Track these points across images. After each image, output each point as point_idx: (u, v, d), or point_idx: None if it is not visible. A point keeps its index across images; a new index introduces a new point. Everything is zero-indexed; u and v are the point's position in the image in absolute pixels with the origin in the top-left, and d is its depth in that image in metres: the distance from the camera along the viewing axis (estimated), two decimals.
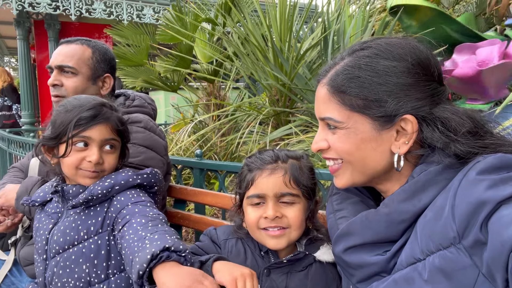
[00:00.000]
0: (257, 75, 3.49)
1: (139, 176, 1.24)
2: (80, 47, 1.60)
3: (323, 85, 0.81)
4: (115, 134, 1.22)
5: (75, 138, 1.15)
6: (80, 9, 6.85)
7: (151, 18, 7.29)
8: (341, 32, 3.18)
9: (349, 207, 0.85)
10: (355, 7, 3.51)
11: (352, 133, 0.77)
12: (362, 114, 0.76)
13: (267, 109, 3.35)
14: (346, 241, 0.78)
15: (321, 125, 0.83)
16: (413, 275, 0.66)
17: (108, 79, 1.65)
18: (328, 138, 0.81)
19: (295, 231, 1.00)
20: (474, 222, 0.59)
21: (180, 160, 2.06)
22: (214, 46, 4.04)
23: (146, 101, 1.73)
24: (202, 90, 4.38)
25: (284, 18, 3.43)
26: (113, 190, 1.18)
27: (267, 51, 3.45)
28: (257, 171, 1.01)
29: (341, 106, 0.77)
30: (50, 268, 1.19)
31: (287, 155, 1.04)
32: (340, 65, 0.80)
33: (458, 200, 0.63)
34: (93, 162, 1.16)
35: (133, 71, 4.27)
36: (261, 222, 0.99)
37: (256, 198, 1.00)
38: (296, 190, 0.99)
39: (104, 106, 1.21)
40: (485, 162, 0.64)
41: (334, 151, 0.81)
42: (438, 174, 0.70)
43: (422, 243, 0.67)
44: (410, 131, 0.75)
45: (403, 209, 0.71)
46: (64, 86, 1.57)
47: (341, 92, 0.77)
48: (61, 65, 1.56)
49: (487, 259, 0.57)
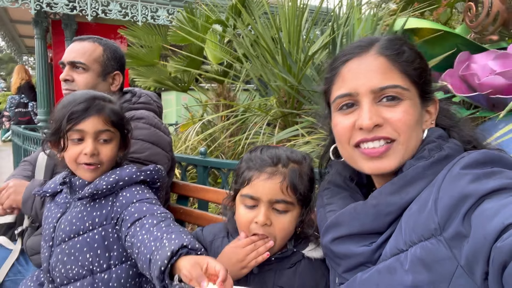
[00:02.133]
0: (266, 77, 3.52)
1: (143, 172, 1.27)
2: (91, 44, 1.66)
3: (374, 56, 0.76)
4: (109, 125, 1.23)
5: (70, 132, 1.19)
6: (96, 10, 6.99)
7: (165, 20, 7.40)
8: (350, 35, 3.18)
9: (339, 201, 0.87)
10: (364, 10, 3.51)
11: (414, 105, 0.76)
12: (417, 88, 0.76)
13: (274, 110, 3.37)
14: (334, 232, 0.79)
15: (370, 101, 0.76)
16: (395, 265, 0.68)
17: (118, 77, 1.71)
18: (383, 113, 0.75)
19: (280, 240, 1.00)
20: (456, 214, 0.60)
21: (184, 157, 2.09)
22: (224, 47, 4.09)
23: (152, 99, 1.78)
24: (212, 91, 4.43)
25: (293, 20, 3.45)
26: (117, 186, 1.22)
27: (276, 53, 3.47)
28: (255, 172, 0.99)
29: (404, 76, 0.75)
30: (55, 255, 1.24)
31: (289, 157, 1.01)
32: (386, 38, 0.79)
33: (442, 193, 0.64)
34: (88, 154, 1.19)
35: (145, 71, 4.34)
36: (252, 227, 0.99)
37: (250, 199, 0.99)
38: (291, 198, 0.97)
39: (96, 98, 1.23)
40: (469, 157, 0.66)
41: (393, 127, 0.74)
42: (427, 169, 0.71)
43: (405, 235, 0.68)
44: (434, 111, 0.80)
45: (390, 201, 0.72)
46: (75, 82, 1.62)
47: (404, 61, 0.75)
48: (73, 61, 1.62)
49: (467, 252, 0.58)
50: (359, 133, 0.77)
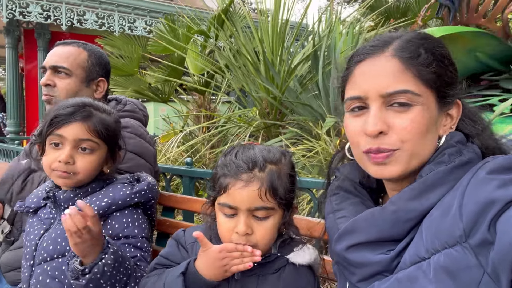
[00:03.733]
0: (248, 88, 3.51)
1: (137, 194, 1.20)
2: (76, 49, 1.59)
3: (388, 58, 0.73)
4: (93, 135, 1.14)
5: (50, 136, 1.12)
6: (72, 19, 6.84)
7: (143, 31, 7.32)
8: (332, 48, 3.23)
9: (350, 207, 0.83)
10: (343, 28, 3.59)
11: (426, 111, 0.72)
12: (433, 92, 0.73)
13: (257, 121, 3.36)
14: (349, 239, 0.75)
15: (377, 106, 0.73)
16: (417, 274, 0.65)
17: (102, 83, 1.64)
18: (389, 119, 0.72)
19: (264, 246, 0.96)
20: (482, 221, 0.58)
21: (169, 168, 2.03)
22: (206, 57, 4.07)
23: (138, 107, 1.72)
24: (192, 102, 4.38)
25: (276, 32, 3.48)
26: (109, 210, 1.15)
27: (258, 65, 3.48)
28: (231, 179, 0.93)
29: (417, 80, 0.71)
30: (36, 276, 1.14)
31: (266, 159, 0.95)
32: (406, 42, 0.75)
33: (467, 198, 0.62)
34: (62, 161, 1.10)
35: (123, 81, 4.26)
36: (233, 237, 0.94)
37: (228, 208, 0.94)
38: (271, 203, 0.93)
39: (86, 105, 1.16)
40: (495, 163, 0.64)
41: (397, 136, 0.71)
42: (448, 174, 0.69)
43: (427, 242, 0.65)
44: (456, 115, 0.76)
45: (410, 207, 0.69)
46: (57, 87, 1.54)
47: (419, 64, 0.72)
48: (55, 65, 1.54)
49: (493, 259, 0.56)
50: (365, 140, 0.75)
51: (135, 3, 7.35)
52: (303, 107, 3.12)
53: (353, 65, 0.78)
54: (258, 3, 3.91)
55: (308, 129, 2.97)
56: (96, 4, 6.99)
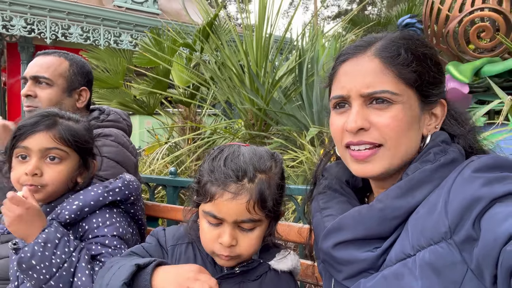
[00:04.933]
0: (233, 99, 3.54)
1: (110, 192, 1.15)
2: (57, 59, 1.58)
3: (370, 58, 0.75)
4: (60, 143, 1.09)
5: (16, 149, 1.08)
6: (56, 33, 6.81)
7: (129, 44, 7.33)
8: (315, 60, 3.30)
9: (336, 206, 0.84)
10: (325, 41, 3.68)
11: (407, 109, 0.73)
12: (415, 91, 0.74)
13: (243, 132, 3.38)
14: (336, 236, 0.76)
15: (359, 104, 0.75)
16: (403, 271, 0.66)
17: (84, 92, 1.64)
18: (371, 117, 0.74)
19: (248, 255, 0.94)
20: (467, 217, 0.59)
21: (153, 178, 2.02)
22: (192, 70, 4.09)
23: (121, 117, 1.72)
24: (178, 114, 4.38)
25: (260, 45, 3.54)
26: (82, 213, 1.10)
27: (243, 77, 3.52)
28: (218, 189, 0.88)
29: (397, 79, 0.73)
30: None
31: (256, 168, 0.90)
32: (389, 42, 0.76)
33: (452, 196, 0.63)
34: (28, 173, 1.06)
35: (108, 94, 4.24)
36: (216, 248, 0.91)
37: (213, 218, 0.90)
38: (259, 216, 0.90)
39: (50, 115, 1.12)
40: (480, 161, 0.66)
41: (379, 132, 0.73)
42: (433, 173, 0.71)
43: (413, 239, 0.66)
44: (441, 115, 0.77)
45: (397, 205, 0.71)
46: (38, 98, 1.53)
47: (400, 64, 0.73)
48: (36, 75, 1.53)
49: (477, 255, 0.57)
50: (348, 135, 0.76)
51: (121, 18, 7.38)
52: (288, 117, 3.16)
53: (338, 65, 0.80)
54: (243, 19, 3.98)
55: (292, 139, 3.00)
56: (81, 18, 7.00)
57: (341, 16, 15.42)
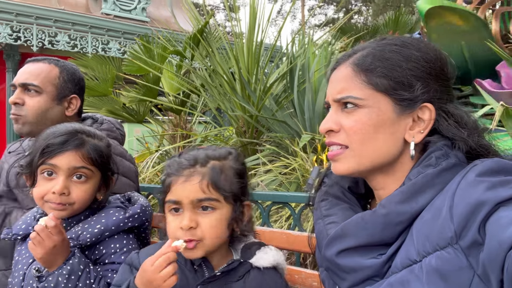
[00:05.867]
0: (224, 107, 3.53)
1: (130, 218, 1.17)
2: (47, 66, 1.55)
3: (346, 66, 0.79)
4: (87, 163, 1.11)
5: (42, 166, 1.08)
6: (43, 41, 6.73)
7: (117, 52, 7.28)
8: (306, 67, 3.31)
9: (339, 212, 0.83)
10: (315, 49, 3.71)
11: (374, 113, 0.75)
12: (386, 95, 0.75)
13: (234, 140, 3.36)
14: (340, 243, 0.75)
15: (334, 109, 0.80)
16: (409, 278, 0.65)
17: (75, 100, 1.60)
18: (341, 120, 0.78)
19: (211, 240, 0.93)
20: (472, 222, 0.59)
21: (145, 186, 1.98)
22: (182, 77, 4.07)
23: (115, 126, 1.68)
24: (168, 122, 4.35)
25: (251, 52, 3.54)
26: (102, 236, 1.11)
27: (234, 84, 3.52)
28: (173, 177, 0.94)
29: (365, 85, 0.76)
30: None
31: (208, 155, 0.97)
32: (366, 50, 0.79)
33: (457, 200, 0.63)
34: (57, 192, 1.06)
35: (97, 102, 4.19)
36: (178, 234, 0.92)
37: (173, 204, 0.94)
38: (215, 195, 0.93)
39: (78, 132, 1.14)
40: (483, 165, 0.66)
41: (346, 134, 0.77)
42: (436, 177, 0.70)
43: (418, 244, 0.66)
44: (428, 119, 0.76)
45: (401, 210, 0.70)
46: (26, 105, 1.49)
47: (367, 70, 0.76)
48: (25, 83, 1.49)
49: (483, 260, 0.57)
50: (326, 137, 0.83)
51: (109, 25, 7.33)
52: (279, 124, 3.15)
53: (330, 72, 0.84)
54: (233, 26, 3.99)
55: (284, 147, 2.99)
56: (69, 25, 6.93)
57: (328, 25, 15.65)
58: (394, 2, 21.69)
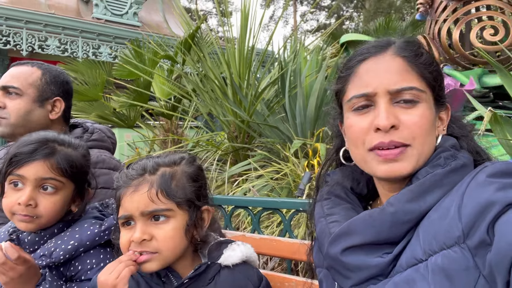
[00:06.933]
0: (215, 112, 3.51)
1: (106, 231, 1.11)
2: (29, 68, 1.53)
3: (392, 56, 0.75)
4: (56, 174, 1.05)
5: (10, 176, 1.03)
6: (33, 45, 6.66)
7: (108, 57, 7.23)
8: (297, 72, 3.32)
9: (342, 212, 0.82)
10: (307, 54, 3.72)
11: (429, 109, 0.73)
12: (432, 92, 0.74)
13: (226, 145, 3.34)
14: (345, 241, 0.73)
15: (387, 101, 0.73)
16: (415, 277, 0.64)
17: (59, 103, 1.57)
18: (400, 115, 0.72)
19: (168, 251, 0.89)
20: (481, 222, 0.59)
21: None
22: (173, 82, 4.05)
23: (106, 134, 1.65)
24: (159, 127, 4.31)
25: (242, 57, 3.54)
26: (76, 252, 1.06)
27: (226, 89, 3.51)
28: (123, 189, 0.90)
29: (421, 78, 0.73)
30: None
31: (158, 163, 0.92)
32: (403, 40, 0.77)
33: (466, 200, 0.63)
34: (22, 203, 1.01)
35: (86, 107, 4.14)
36: (131, 246, 0.87)
37: (124, 219, 0.89)
38: (167, 204, 0.88)
39: (49, 141, 1.08)
40: (494, 167, 0.65)
41: (409, 131, 0.72)
42: (444, 177, 0.70)
43: (424, 243, 0.65)
44: (446, 118, 0.77)
45: (409, 209, 0.69)
46: (7, 108, 1.46)
47: (421, 63, 0.74)
48: (6, 85, 1.47)
49: (490, 261, 0.56)
50: (376, 136, 0.73)
51: (100, 30, 7.29)
52: (271, 129, 3.15)
53: (356, 64, 0.78)
54: (225, 31, 3.98)
55: (276, 152, 2.99)
56: (59, 30, 6.87)
57: (320, 30, 15.77)
58: (384, 9, 21.96)
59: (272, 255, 1.30)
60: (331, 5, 25.70)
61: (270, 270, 1.94)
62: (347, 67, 0.80)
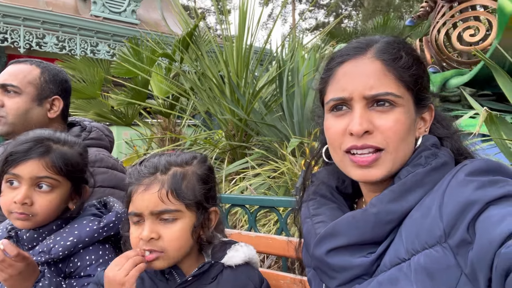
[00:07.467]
0: (213, 110, 3.52)
1: (105, 228, 1.12)
2: (28, 66, 1.52)
3: (370, 60, 0.74)
4: (52, 172, 1.05)
5: (6, 175, 1.04)
6: (30, 42, 6.64)
7: (106, 54, 7.22)
8: (295, 71, 3.33)
9: (327, 212, 0.82)
10: (305, 52, 3.73)
11: (407, 113, 0.73)
12: (412, 95, 0.74)
13: (223, 143, 3.35)
14: (330, 242, 0.74)
15: (362, 106, 0.73)
16: (398, 276, 0.65)
17: (57, 102, 1.57)
18: (375, 119, 0.72)
19: (174, 251, 0.91)
20: (462, 221, 0.59)
21: None
22: (171, 80, 4.05)
23: (104, 133, 1.65)
24: (157, 125, 4.32)
25: (240, 56, 3.54)
26: (75, 249, 1.07)
27: (224, 87, 3.51)
28: (134, 186, 0.91)
29: (399, 82, 0.73)
30: None
31: (170, 162, 0.93)
32: (385, 41, 0.76)
33: (447, 199, 0.63)
34: (17, 202, 1.02)
35: (84, 104, 4.14)
36: (140, 244, 0.89)
37: (134, 216, 0.91)
38: (176, 205, 0.89)
39: (45, 139, 1.08)
40: (473, 165, 0.66)
41: (383, 136, 0.72)
42: (425, 176, 0.71)
43: (407, 243, 0.66)
44: (429, 119, 0.77)
45: (391, 209, 0.70)
46: (5, 107, 1.46)
47: (400, 67, 0.73)
48: (4, 83, 1.47)
49: (471, 258, 0.57)
50: (350, 139, 0.74)
51: (98, 27, 7.27)
52: (268, 128, 3.16)
53: (335, 66, 0.77)
54: (223, 29, 3.98)
55: (273, 150, 2.99)
56: (57, 27, 6.85)
57: (319, 29, 15.78)
58: (383, 7, 21.95)
59: (268, 253, 1.31)
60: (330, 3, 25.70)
61: (267, 268, 1.95)
62: (327, 68, 0.79)
